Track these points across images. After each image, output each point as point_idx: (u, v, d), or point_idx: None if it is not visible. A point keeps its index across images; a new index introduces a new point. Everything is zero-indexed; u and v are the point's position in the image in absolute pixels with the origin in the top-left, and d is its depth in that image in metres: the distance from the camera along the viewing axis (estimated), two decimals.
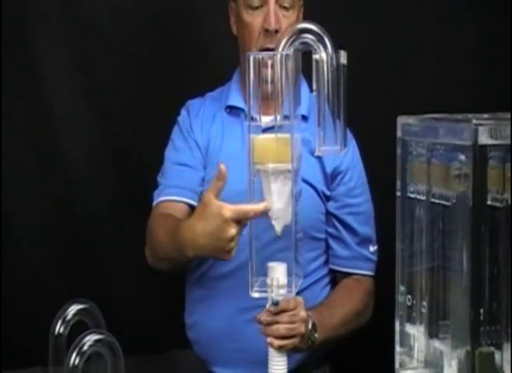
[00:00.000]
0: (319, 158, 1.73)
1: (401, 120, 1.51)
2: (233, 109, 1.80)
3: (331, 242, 1.76)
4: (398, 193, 1.51)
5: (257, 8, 1.69)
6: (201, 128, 1.80)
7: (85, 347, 1.25)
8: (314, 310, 1.61)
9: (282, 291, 1.43)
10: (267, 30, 1.66)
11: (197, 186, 1.76)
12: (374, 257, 1.79)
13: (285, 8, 1.69)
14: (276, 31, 1.66)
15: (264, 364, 1.58)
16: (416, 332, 1.48)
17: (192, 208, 1.73)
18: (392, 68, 2.24)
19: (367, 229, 1.78)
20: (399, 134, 1.51)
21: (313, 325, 1.55)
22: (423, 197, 1.46)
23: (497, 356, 1.34)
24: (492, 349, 1.34)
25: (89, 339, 1.25)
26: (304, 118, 1.71)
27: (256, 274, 1.42)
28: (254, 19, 1.69)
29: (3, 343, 1.92)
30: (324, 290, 1.81)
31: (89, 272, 2.02)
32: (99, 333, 1.26)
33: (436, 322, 1.44)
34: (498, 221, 1.35)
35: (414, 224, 1.49)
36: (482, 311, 1.33)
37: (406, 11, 2.27)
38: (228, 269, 1.72)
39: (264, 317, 1.48)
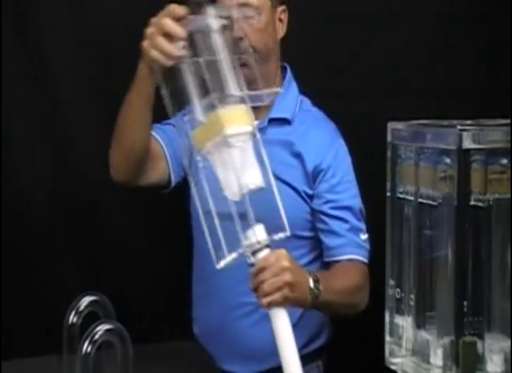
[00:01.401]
0: (300, 158, 1.69)
1: (391, 125, 1.52)
2: None
3: (323, 237, 1.71)
4: (388, 194, 1.52)
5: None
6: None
7: (97, 336, 1.26)
8: (316, 271, 1.54)
9: (258, 247, 1.32)
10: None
11: (173, 141, 1.71)
12: (366, 245, 1.72)
13: (248, 16, 1.65)
14: (240, 38, 1.63)
15: (253, 358, 1.58)
16: (405, 323, 1.49)
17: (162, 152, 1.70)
18: (384, 75, 2.22)
19: (355, 221, 1.72)
20: (389, 138, 1.52)
21: (316, 277, 1.46)
22: (411, 198, 1.47)
23: (479, 345, 1.35)
24: (474, 338, 1.35)
25: (100, 328, 1.27)
26: (287, 121, 1.70)
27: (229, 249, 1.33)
28: None
29: (20, 333, 1.94)
30: None
31: (101, 266, 2.01)
32: (110, 323, 1.28)
33: (423, 313, 1.45)
34: (480, 220, 1.36)
35: (403, 222, 1.50)
36: (465, 303, 1.35)
37: (399, 15, 2.24)
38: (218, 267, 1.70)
39: (250, 284, 1.39)
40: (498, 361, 1.36)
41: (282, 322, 1.33)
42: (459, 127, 1.35)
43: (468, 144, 1.33)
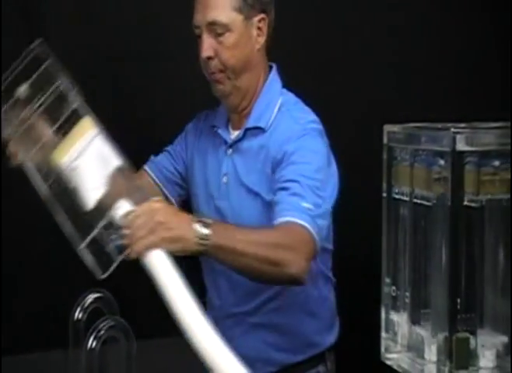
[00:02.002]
0: (268, 161, 1.58)
1: (387, 128, 1.52)
2: (215, 128, 1.74)
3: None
4: (384, 195, 1.53)
5: (198, 37, 1.61)
6: (195, 137, 1.77)
7: (102, 332, 1.27)
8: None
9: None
10: (203, 59, 1.61)
11: (162, 167, 1.75)
12: (310, 212, 1.46)
13: (219, 30, 1.57)
14: (210, 58, 1.58)
15: (246, 365, 1.58)
16: (400, 320, 1.50)
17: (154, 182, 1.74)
18: (381, 79, 2.22)
19: (299, 190, 1.49)
20: (385, 140, 1.53)
21: (203, 222, 1.31)
22: (407, 198, 1.47)
23: (472, 341, 1.36)
24: (467, 334, 1.36)
25: (105, 324, 1.27)
26: (262, 129, 1.62)
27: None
28: (200, 49, 1.62)
29: (27, 329, 1.94)
30: (300, 295, 1.63)
31: None
32: (114, 319, 1.29)
33: (418, 310, 1.46)
34: (473, 220, 1.37)
35: (398, 222, 1.50)
36: (458, 300, 1.35)
37: (395, 19, 2.24)
38: (211, 278, 1.69)
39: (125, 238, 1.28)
40: (490, 357, 1.37)
41: (163, 265, 1.20)
42: (453, 129, 1.36)
43: (461, 146, 1.33)
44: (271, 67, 1.68)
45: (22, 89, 1.35)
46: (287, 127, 1.58)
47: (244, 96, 1.62)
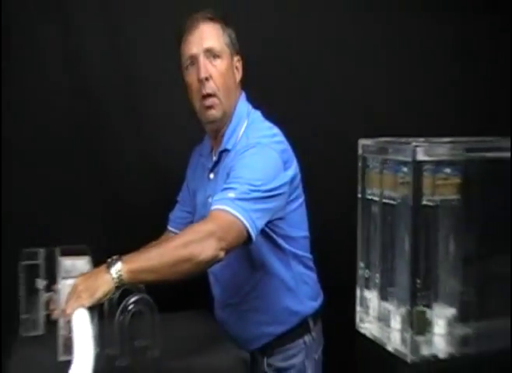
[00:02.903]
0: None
1: (362, 141, 1.64)
2: (201, 157, 1.82)
3: None
4: (359, 196, 1.64)
5: (191, 66, 1.66)
6: (191, 172, 1.85)
7: (131, 307, 1.38)
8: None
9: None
10: (200, 80, 1.63)
11: (178, 219, 1.87)
12: (232, 197, 1.48)
13: (213, 56, 1.65)
14: (207, 79, 1.63)
15: (243, 342, 1.65)
16: (371, 296, 1.61)
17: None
18: (360, 100, 2.21)
19: (229, 185, 1.52)
20: (360, 151, 1.64)
21: (112, 259, 1.37)
22: (377, 198, 1.58)
23: (428, 313, 1.48)
24: (425, 308, 1.48)
25: (133, 300, 1.38)
26: (229, 151, 1.67)
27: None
28: (192, 76, 1.66)
29: None
30: (275, 281, 1.69)
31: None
32: (141, 296, 1.39)
33: (386, 288, 1.55)
34: (430, 215, 1.49)
35: (370, 218, 1.61)
36: (418, 281, 1.46)
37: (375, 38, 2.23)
38: (212, 279, 1.77)
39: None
40: (442, 325, 1.49)
41: (80, 320, 1.31)
42: (414, 143, 1.46)
43: (420, 156, 1.44)
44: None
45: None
46: (240, 147, 1.64)
47: (226, 122, 1.69)
